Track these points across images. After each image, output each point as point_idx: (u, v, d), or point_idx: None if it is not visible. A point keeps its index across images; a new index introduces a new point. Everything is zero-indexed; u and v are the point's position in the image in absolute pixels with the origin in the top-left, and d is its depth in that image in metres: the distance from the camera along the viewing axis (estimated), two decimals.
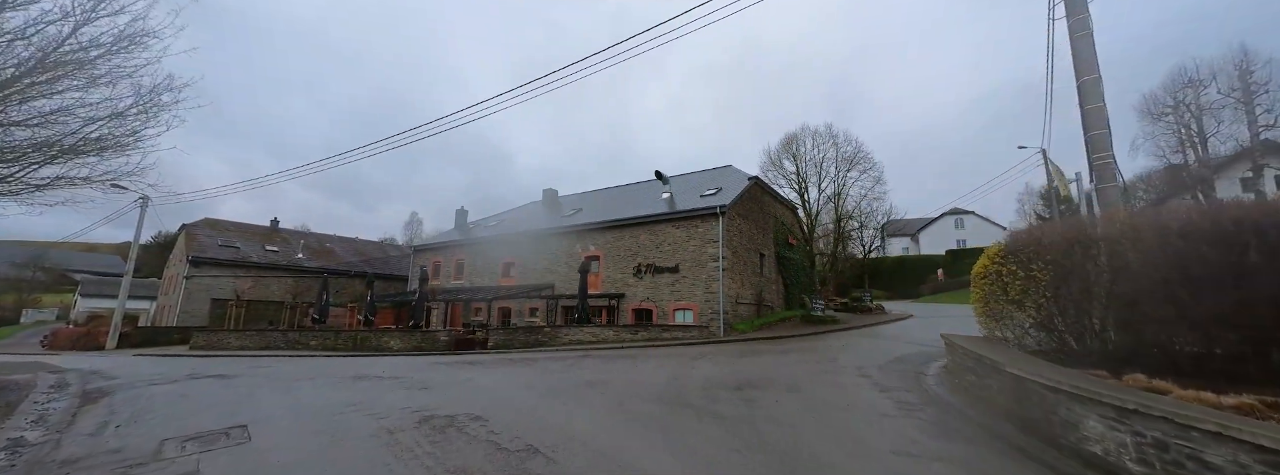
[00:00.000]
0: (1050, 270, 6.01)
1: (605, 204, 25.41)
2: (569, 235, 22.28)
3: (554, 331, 16.36)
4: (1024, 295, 6.24)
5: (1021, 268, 6.28)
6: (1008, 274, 6.42)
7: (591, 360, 8.96)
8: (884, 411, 5.21)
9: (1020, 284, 6.26)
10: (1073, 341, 6.12)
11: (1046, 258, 6.05)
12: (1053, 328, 6.19)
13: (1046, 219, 41.10)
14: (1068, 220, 6.17)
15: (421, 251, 29.34)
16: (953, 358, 6.72)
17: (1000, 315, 6.68)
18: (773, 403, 5.57)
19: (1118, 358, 5.64)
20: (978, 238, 45.45)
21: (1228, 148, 20.15)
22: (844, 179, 21.95)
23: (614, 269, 20.29)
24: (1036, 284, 6.12)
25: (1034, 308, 6.18)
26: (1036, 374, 4.42)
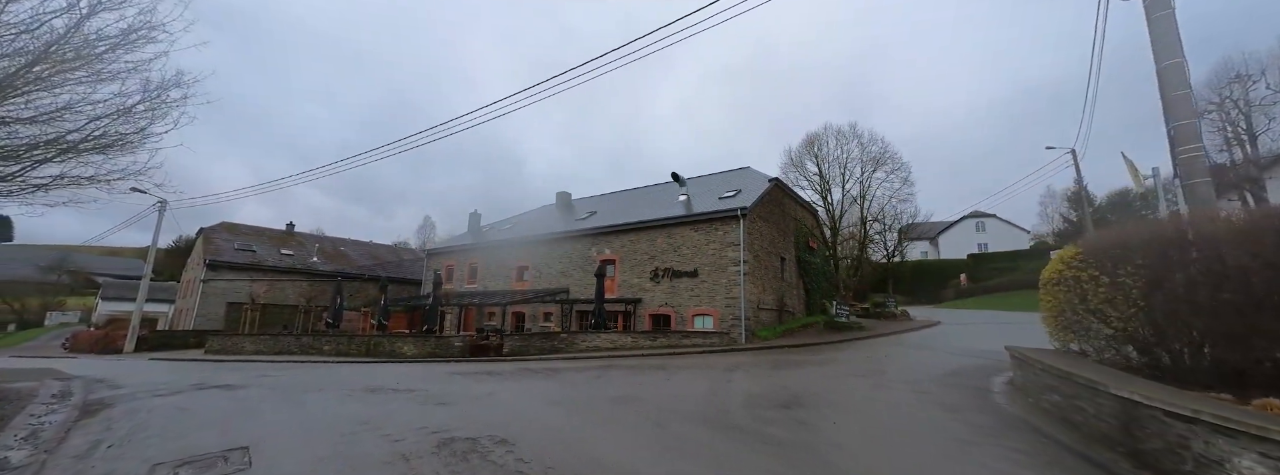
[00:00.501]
0: (1140, 275, 5.31)
1: (620, 206, 24.87)
2: (583, 238, 21.76)
3: (570, 338, 15.79)
4: (1108, 304, 5.53)
5: (1105, 273, 5.57)
6: (1088, 280, 5.71)
7: (617, 372, 8.35)
8: (962, 437, 4.54)
9: (1104, 292, 5.55)
10: (1166, 357, 5.40)
11: (1136, 261, 5.35)
12: (1143, 341, 5.49)
13: (1073, 222, 39.78)
14: (1157, 220, 5.41)
15: (435, 255, 29.02)
16: (1024, 374, 6.01)
17: (1077, 326, 5.97)
18: (830, 425, 4.92)
19: (1223, 376, 4.93)
20: (999, 242, 44.16)
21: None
22: (869, 179, 21.16)
23: (630, 273, 19.71)
24: (1123, 291, 5.41)
25: (1120, 319, 5.47)
26: (1159, 399, 3.73)
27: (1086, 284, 5.74)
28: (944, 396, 6.05)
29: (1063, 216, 40.38)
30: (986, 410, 5.44)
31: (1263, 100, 19.08)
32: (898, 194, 21.76)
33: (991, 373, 7.37)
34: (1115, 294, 5.48)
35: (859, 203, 21.60)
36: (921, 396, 6.05)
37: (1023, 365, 6.11)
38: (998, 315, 23.42)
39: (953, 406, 5.54)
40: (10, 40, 7.24)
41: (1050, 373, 5.24)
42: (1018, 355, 6.17)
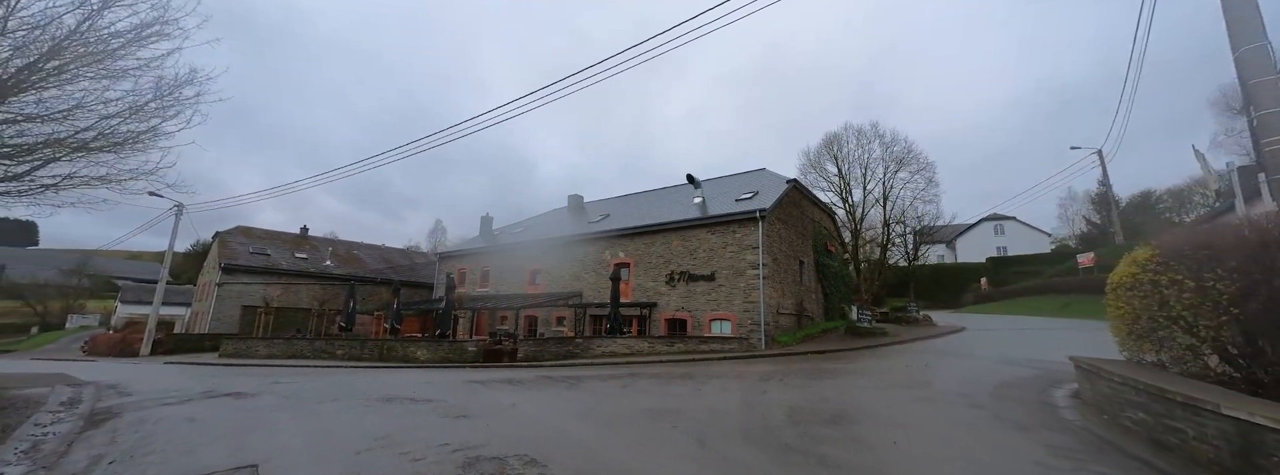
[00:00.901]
0: (1233, 280, 4.77)
1: (634, 209, 24.47)
2: (597, 241, 21.38)
3: (586, 343, 15.37)
4: (1193, 311, 4.99)
5: (1190, 276, 5.03)
6: (1169, 284, 5.17)
7: (644, 381, 7.89)
8: (1043, 461, 4.03)
9: (1188, 297, 5.01)
10: (1261, 371, 4.86)
11: (1228, 264, 4.81)
12: (1234, 353, 4.94)
13: (1097, 225, 38.67)
14: (1250, 218, 4.88)
15: (447, 258, 28.80)
16: (1095, 387, 5.47)
17: (1153, 335, 5.43)
18: (890, 446, 4.43)
19: None
20: (1019, 245, 43.12)
21: None
22: (892, 180, 20.55)
23: (645, 277, 19.27)
24: (1211, 297, 4.87)
25: (1209, 327, 4.92)
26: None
27: (1167, 289, 5.20)
28: (1006, 411, 5.52)
29: (1086, 219, 39.30)
30: (1059, 428, 4.91)
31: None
32: (922, 195, 21.12)
33: (1048, 384, 6.81)
34: (1202, 300, 4.94)
35: (881, 204, 20.98)
36: (980, 411, 5.53)
37: (1093, 377, 5.56)
38: (1023, 320, 22.63)
39: (1020, 423, 5.01)
40: (22, 35, 7.02)
41: (1133, 387, 4.71)
42: (1087, 366, 5.62)
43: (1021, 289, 31.64)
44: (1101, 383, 5.30)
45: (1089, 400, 5.68)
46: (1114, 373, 4.96)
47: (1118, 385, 4.95)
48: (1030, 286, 31.27)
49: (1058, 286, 28.23)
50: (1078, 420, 5.18)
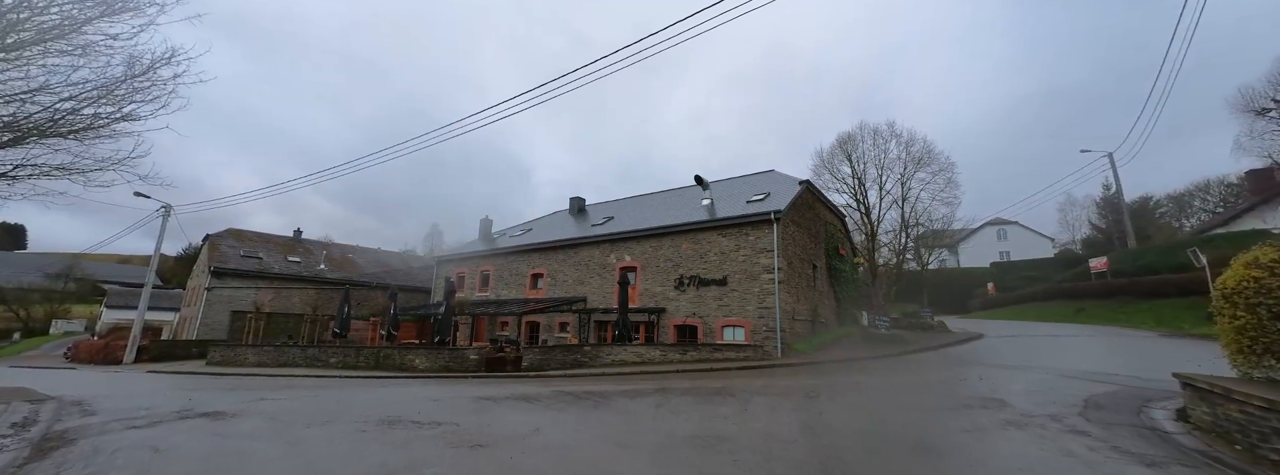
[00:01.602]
0: None
1: (639, 211, 23.66)
2: (602, 244, 20.52)
3: (595, 351, 14.47)
4: None
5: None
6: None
7: (677, 399, 6.98)
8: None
9: None
10: None
11: None
12: None
13: (1102, 230, 38.20)
14: None
15: (445, 262, 27.81)
16: (1221, 411, 4.67)
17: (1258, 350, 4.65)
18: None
19: None
20: (1022, 250, 42.68)
21: None
22: (911, 181, 19.87)
23: (653, 281, 18.43)
24: None
25: None
26: None
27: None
28: (1115, 438, 4.70)
29: (1092, 223, 38.89)
30: (1195, 462, 4.09)
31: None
32: (940, 196, 20.44)
33: (1139, 403, 6.00)
34: None
35: (899, 206, 20.29)
36: (1086, 438, 4.70)
37: (1212, 399, 4.76)
38: (1039, 327, 21.94)
39: (1149, 458, 4.19)
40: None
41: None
42: (1205, 386, 4.82)
43: (1028, 295, 31.04)
44: (1231, 406, 4.49)
45: (1207, 426, 4.87)
46: (1256, 396, 4.15)
47: (1262, 411, 4.13)
48: (1037, 292, 30.68)
49: (1068, 292, 27.63)
50: (1205, 449, 4.37)
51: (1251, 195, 30.11)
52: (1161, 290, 21.36)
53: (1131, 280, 23.21)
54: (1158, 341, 15.35)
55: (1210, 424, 4.82)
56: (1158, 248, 25.58)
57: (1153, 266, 23.17)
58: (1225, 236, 23.12)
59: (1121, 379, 7.65)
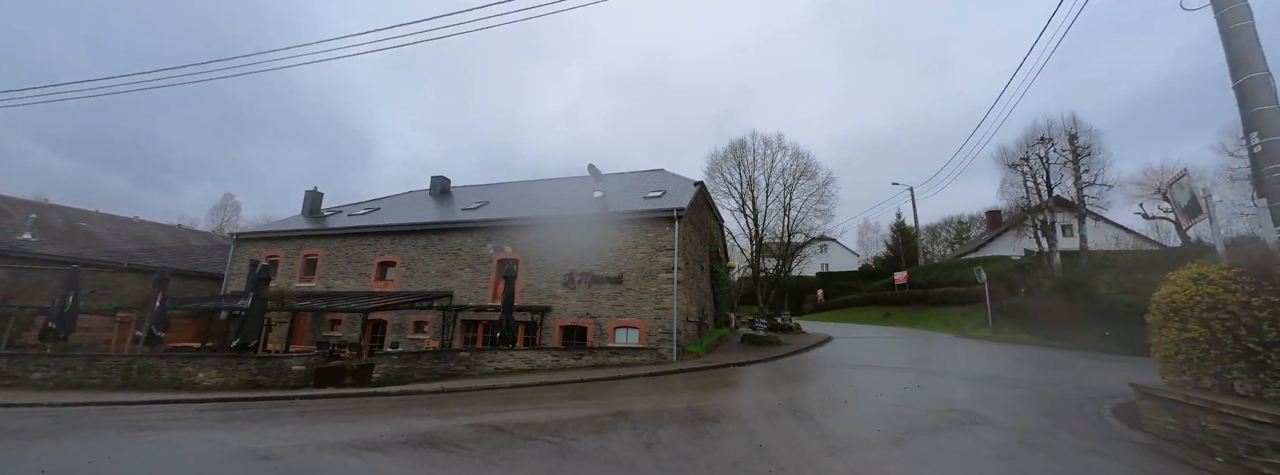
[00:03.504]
0: None
1: (520, 198, 21.00)
2: (475, 232, 17.50)
3: (473, 357, 11.75)
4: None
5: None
6: (1264, 307, 4.63)
7: (673, 432, 5.07)
8: None
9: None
10: None
11: None
12: None
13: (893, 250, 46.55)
14: None
15: (248, 241, 21.25)
16: (1193, 422, 4.70)
17: (1227, 360, 4.91)
18: None
19: None
20: (837, 264, 49.92)
21: (1083, 195, 23.66)
22: (794, 191, 20.97)
23: (537, 276, 16.16)
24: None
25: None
26: None
27: (1260, 312, 4.66)
28: (1135, 460, 4.41)
29: (887, 244, 47.21)
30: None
31: (1054, 160, 23.66)
32: (817, 208, 22.05)
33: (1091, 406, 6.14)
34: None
35: (785, 214, 21.29)
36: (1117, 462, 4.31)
37: (1179, 410, 4.81)
38: (860, 328, 25.10)
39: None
40: None
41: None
42: (1179, 398, 4.85)
43: (847, 301, 36.04)
44: (1210, 419, 4.49)
45: (1170, 436, 4.92)
46: (1249, 409, 4.12)
47: (1254, 423, 4.10)
48: (853, 299, 35.77)
49: (877, 299, 32.58)
50: (1206, 463, 4.27)
51: (988, 229, 39.55)
52: (946, 300, 26.14)
53: (924, 291, 28.10)
54: (958, 342, 18.25)
55: (1178, 435, 4.87)
56: (942, 265, 31.68)
57: (937, 281, 28.38)
58: (977, 259, 29.54)
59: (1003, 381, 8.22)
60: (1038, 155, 24.68)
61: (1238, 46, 6.30)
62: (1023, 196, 26.31)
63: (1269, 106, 6.01)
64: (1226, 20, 6.42)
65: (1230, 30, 6.37)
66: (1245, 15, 6.31)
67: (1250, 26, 6.28)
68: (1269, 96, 6.03)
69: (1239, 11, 6.35)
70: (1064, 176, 24.05)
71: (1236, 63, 6.30)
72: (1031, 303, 19.76)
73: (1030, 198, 25.65)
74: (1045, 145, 24.40)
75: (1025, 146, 25.40)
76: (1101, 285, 20.06)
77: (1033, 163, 24.87)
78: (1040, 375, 9.18)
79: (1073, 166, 24.21)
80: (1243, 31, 6.28)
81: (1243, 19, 6.31)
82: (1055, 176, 24.40)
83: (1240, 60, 6.26)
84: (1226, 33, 6.41)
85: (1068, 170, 24.41)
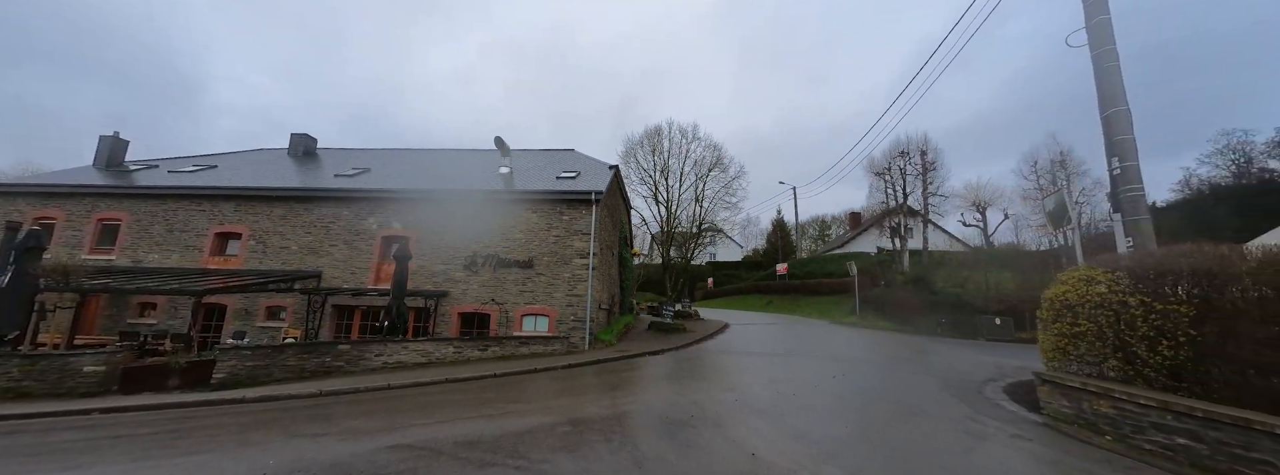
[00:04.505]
0: (1193, 305, 5.21)
1: (409, 168, 18.40)
2: (355, 203, 14.89)
3: (357, 350, 9.84)
4: (1159, 332, 5.31)
5: (1158, 299, 5.35)
6: (1139, 306, 5.43)
7: (604, 440, 4.22)
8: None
9: (1156, 319, 5.30)
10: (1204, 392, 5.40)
11: (1197, 289, 5.25)
12: (1193, 369, 5.35)
13: (774, 244, 50.81)
14: (1197, 249, 5.33)
15: (7, 198, 15.64)
16: (1087, 407, 5.38)
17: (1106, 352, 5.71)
18: None
19: None
20: (724, 254, 53.06)
21: (928, 203, 27.60)
22: (706, 181, 21.20)
23: (432, 257, 14.28)
24: (1174, 320, 5.25)
25: (1172, 346, 5.29)
26: None
27: (1136, 310, 5.46)
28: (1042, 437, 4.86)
29: (767, 237, 51.30)
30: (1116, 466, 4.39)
31: (910, 172, 27.51)
32: (726, 201, 22.63)
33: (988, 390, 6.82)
34: (1166, 322, 5.28)
35: (698, 204, 21.47)
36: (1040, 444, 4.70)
37: (1075, 395, 5.48)
38: (748, 315, 26.89)
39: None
40: None
41: (1171, 411, 4.53)
42: (1081, 384, 5.50)
43: (734, 289, 38.46)
44: (1102, 402, 5.16)
45: (1065, 418, 5.60)
46: (1139, 394, 4.78)
47: (1141, 406, 4.77)
48: (739, 287, 38.28)
49: (760, 288, 35.21)
50: (1098, 441, 4.87)
51: (851, 228, 44.97)
52: (819, 290, 29.09)
53: (801, 282, 30.98)
54: (834, 328, 20.30)
55: (1072, 416, 5.56)
56: (817, 259, 35.19)
57: (813, 273, 31.47)
58: (845, 255, 33.43)
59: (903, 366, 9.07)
60: (898, 166, 28.33)
61: (1107, 84, 7.42)
62: (883, 201, 30.12)
63: (1127, 136, 7.16)
64: (1100, 60, 7.51)
65: (1102, 69, 7.47)
66: (1114, 58, 7.44)
67: (1117, 67, 7.41)
68: (1128, 127, 7.19)
69: (1109, 54, 7.47)
70: (915, 186, 27.99)
71: (1105, 97, 7.42)
72: (888, 294, 22.74)
73: (889, 202, 29.45)
74: (904, 158, 28.07)
75: (889, 158, 28.97)
76: (939, 280, 23.88)
77: (893, 172, 28.50)
78: (923, 361, 10.34)
79: (923, 178, 28.25)
80: (1111, 72, 7.40)
81: (1112, 60, 7.43)
82: (910, 186, 28.28)
83: (1108, 96, 7.38)
84: (1099, 71, 7.51)
85: (918, 181, 28.44)
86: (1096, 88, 7.53)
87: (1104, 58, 7.47)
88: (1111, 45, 7.46)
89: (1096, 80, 7.54)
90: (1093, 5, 7.78)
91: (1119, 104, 7.27)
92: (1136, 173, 7.03)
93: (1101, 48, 7.51)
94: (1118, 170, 7.14)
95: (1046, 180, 27.11)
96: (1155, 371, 5.36)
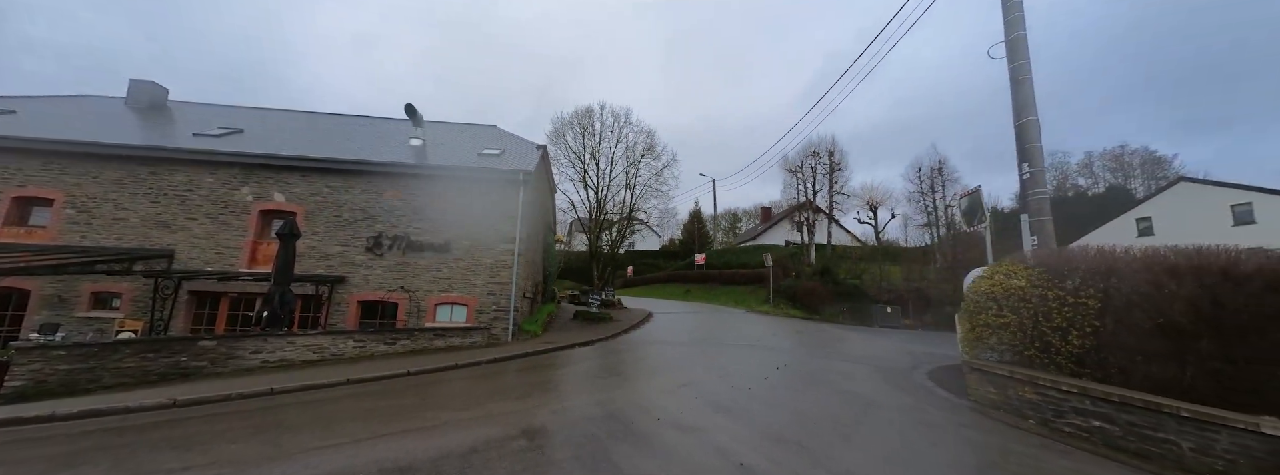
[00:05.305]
0: (1098, 299, 5.77)
1: (295, 133, 15.72)
2: (220, 169, 12.35)
3: (228, 346, 8.02)
4: (1070, 323, 5.83)
5: (1070, 293, 5.86)
6: (1055, 299, 5.91)
7: (573, 456, 3.30)
8: None
9: (1068, 311, 5.81)
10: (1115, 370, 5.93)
11: (1101, 285, 5.80)
12: (1094, 356, 5.88)
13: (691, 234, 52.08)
14: (1100, 250, 5.95)
15: None
16: (1011, 392, 5.76)
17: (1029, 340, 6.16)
18: None
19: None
20: (642, 242, 53.37)
21: (834, 200, 29.64)
22: (638, 168, 20.60)
23: (326, 237, 12.30)
24: (1083, 312, 5.78)
25: (1081, 336, 5.82)
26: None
27: (1052, 303, 5.94)
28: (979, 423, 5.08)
29: (684, 228, 52.44)
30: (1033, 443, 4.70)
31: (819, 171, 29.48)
32: (658, 189, 22.21)
33: (916, 376, 7.12)
34: (1077, 314, 5.80)
35: (630, 190, 20.81)
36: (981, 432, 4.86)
37: (1001, 382, 5.85)
38: (669, 303, 27.18)
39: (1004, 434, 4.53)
40: None
41: (1089, 397, 4.94)
42: (1008, 373, 5.87)
43: (653, 278, 38.80)
44: (1026, 389, 5.53)
45: (991, 403, 5.96)
46: (1061, 381, 5.17)
47: (1063, 392, 5.16)
48: (658, 276, 38.71)
49: (679, 277, 35.87)
50: (1025, 425, 5.20)
51: (762, 221, 47.49)
52: (735, 279, 30.22)
53: (718, 271, 31.99)
54: (753, 316, 21.10)
55: (998, 402, 5.93)
56: (732, 250, 36.55)
57: (729, 263, 32.64)
58: (759, 247, 35.14)
59: (836, 355, 9.42)
60: (810, 165, 30.13)
61: (1021, 95, 8.07)
62: (795, 196, 31.93)
63: (1035, 144, 7.85)
64: (1016, 72, 8.15)
65: (1017, 81, 8.10)
66: (1028, 71, 8.10)
67: (1030, 81, 8.08)
68: (1037, 136, 7.88)
69: (1024, 67, 8.12)
70: (823, 184, 30.01)
71: (1019, 107, 8.07)
72: (798, 284, 24.20)
73: (800, 197, 31.31)
74: (815, 158, 29.89)
75: (802, 156, 30.70)
76: (841, 272, 25.93)
77: (805, 170, 30.28)
78: (846, 349, 10.88)
79: (830, 177, 30.34)
80: (1025, 84, 8.06)
81: (1026, 74, 8.09)
82: (819, 184, 30.24)
83: (1021, 106, 8.04)
84: (1014, 82, 8.15)
85: (826, 180, 30.52)
86: (1012, 98, 8.16)
87: (1019, 71, 8.11)
88: (1026, 60, 8.11)
89: (1012, 91, 8.17)
90: (1011, 23, 8.40)
91: (1030, 114, 7.94)
92: (1043, 178, 7.75)
93: (1017, 62, 8.14)
94: (1027, 175, 7.81)
95: (928, 185, 30.49)
96: (1065, 359, 5.89)
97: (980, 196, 8.66)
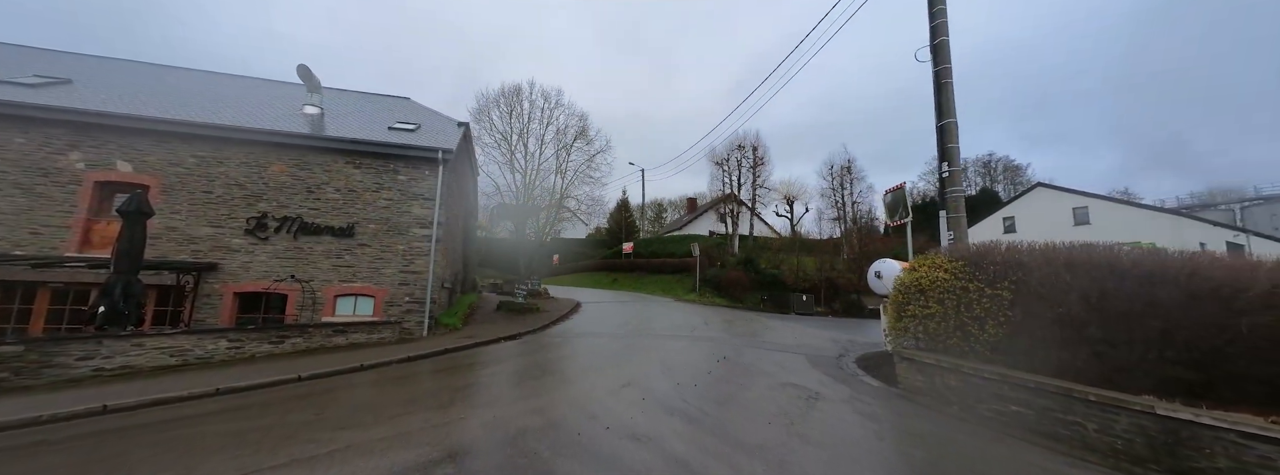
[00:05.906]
0: (1011, 291, 6.17)
1: (148, 90, 12.95)
2: (39, 127, 9.85)
3: (40, 353, 6.18)
4: (987, 313, 6.18)
5: (988, 286, 6.21)
6: (975, 291, 6.24)
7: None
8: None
9: (987, 302, 6.16)
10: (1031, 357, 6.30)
11: (1013, 278, 6.19)
12: (1007, 343, 6.25)
13: (617, 223, 51.71)
14: (1013, 246, 6.40)
15: None
16: (938, 379, 6.00)
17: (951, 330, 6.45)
18: None
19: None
20: (569, 231, 52.15)
21: (757, 193, 30.63)
22: (569, 152, 19.50)
23: (192, 216, 10.27)
24: (999, 303, 6.16)
25: (995, 325, 6.20)
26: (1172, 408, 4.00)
27: (973, 295, 6.27)
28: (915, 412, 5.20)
29: (610, 217, 51.98)
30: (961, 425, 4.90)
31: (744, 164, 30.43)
32: (591, 176, 21.25)
33: (842, 362, 7.25)
34: (994, 305, 6.17)
35: (559, 176, 19.65)
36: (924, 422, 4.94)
37: (928, 370, 6.09)
38: (597, 292, 26.69)
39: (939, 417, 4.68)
40: None
41: (1008, 383, 5.23)
42: (934, 361, 6.09)
43: (580, 266, 38.03)
44: (950, 377, 5.79)
45: (917, 389, 6.19)
46: (983, 368, 5.44)
47: (985, 380, 5.43)
48: (585, 265, 38.01)
49: (607, 266, 35.47)
50: (949, 411, 5.43)
51: (688, 212, 48.34)
52: (661, 268, 30.39)
53: (646, 260, 32.00)
54: (680, 305, 21.25)
55: (925, 389, 6.16)
56: (660, 239, 36.72)
57: (656, 252, 32.78)
58: (685, 236, 35.69)
59: (766, 346, 9.51)
60: (735, 158, 30.92)
61: (943, 98, 8.49)
62: (721, 188, 32.68)
63: (954, 145, 8.32)
64: (939, 76, 8.55)
65: (940, 85, 8.51)
66: (950, 76, 8.54)
67: (951, 84, 8.52)
68: (955, 137, 8.34)
69: (947, 72, 8.55)
70: (747, 177, 30.99)
71: (940, 110, 8.49)
72: (722, 274, 24.80)
73: (725, 189, 32.09)
74: (740, 151, 30.71)
75: (728, 149, 31.41)
76: (763, 262, 27.00)
77: (731, 163, 31.04)
78: (776, 338, 11.08)
79: (753, 171, 31.37)
80: (947, 87, 8.49)
81: (948, 78, 8.52)
82: (743, 177, 31.17)
83: (944, 108, 8.46)
84: (938, 86, 8.56)
85: (750, 173, 31.53)
86: (934, 100, 8.57)
87: (942, 74, 8.52)
88: (949, 64, 8.54)
89: (935, 94, 8.58)
90: (936, 28, 8.79)
91: (950, 117, 8.39)
92: (960, 176, 8.24)
93: (941, 65, 8.54)
94: (946, 173, 8.27)
95: (838, 182, 32.63)
96: (982, 347, 6.27)
97: (904, 193, 9.10)
